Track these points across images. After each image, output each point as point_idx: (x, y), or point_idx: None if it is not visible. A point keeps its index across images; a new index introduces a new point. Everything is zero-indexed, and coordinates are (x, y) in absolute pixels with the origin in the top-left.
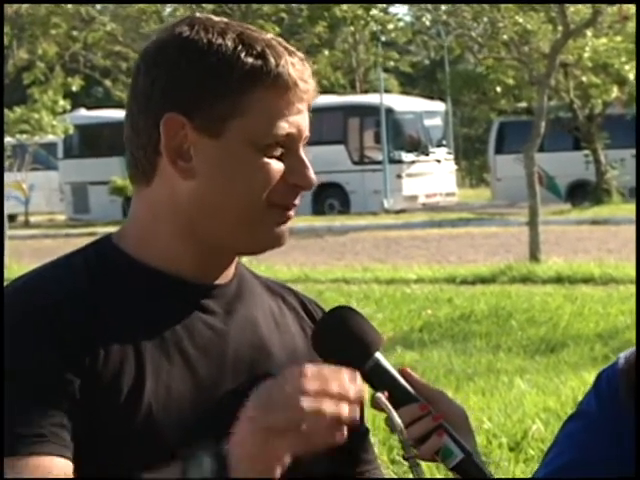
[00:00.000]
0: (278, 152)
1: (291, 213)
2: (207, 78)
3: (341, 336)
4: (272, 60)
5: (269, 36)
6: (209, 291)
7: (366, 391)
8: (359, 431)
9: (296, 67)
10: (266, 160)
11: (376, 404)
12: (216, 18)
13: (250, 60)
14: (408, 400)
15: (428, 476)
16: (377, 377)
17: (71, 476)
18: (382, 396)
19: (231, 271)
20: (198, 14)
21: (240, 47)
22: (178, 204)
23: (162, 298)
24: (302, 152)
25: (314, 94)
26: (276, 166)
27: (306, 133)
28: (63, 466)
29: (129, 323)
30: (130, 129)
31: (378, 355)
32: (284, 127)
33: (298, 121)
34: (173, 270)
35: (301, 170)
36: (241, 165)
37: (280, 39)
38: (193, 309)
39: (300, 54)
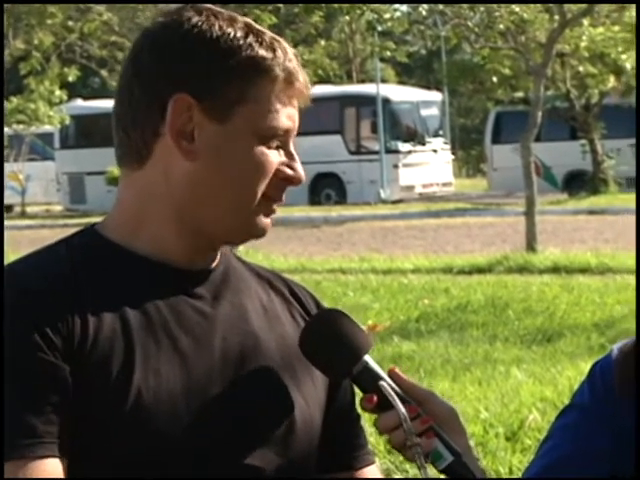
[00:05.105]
0: (274, 145)
1: (276, 207)
2: (219, 63)
3: (330, 339)
4: (280, 53)
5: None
6: (196, 276)
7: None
8: (350, 417)
9: (299, 65)
10: (267, 151)
11: (366, 404)
12: (216, 7)
13: (261, 50)
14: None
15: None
16: (366, 380)
17: (62, 475)
18: (385, 384)
19: (216, 256)
20: (199, 4)
21: (251, 36)
22: (172, 186)
23: (148, 284)
24: (292, 147)
25: (309, 93)
26: (275, 158)
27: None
28: (56, 467)
29: (115, 308)
30: (127, 106)
31: (367, 358)
32: (285, 121)
33: (295, 117)
34: (159, 256)
35: (292, 165)
36: (243, 152)
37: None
38: (180, 294)
39: (294, 51)
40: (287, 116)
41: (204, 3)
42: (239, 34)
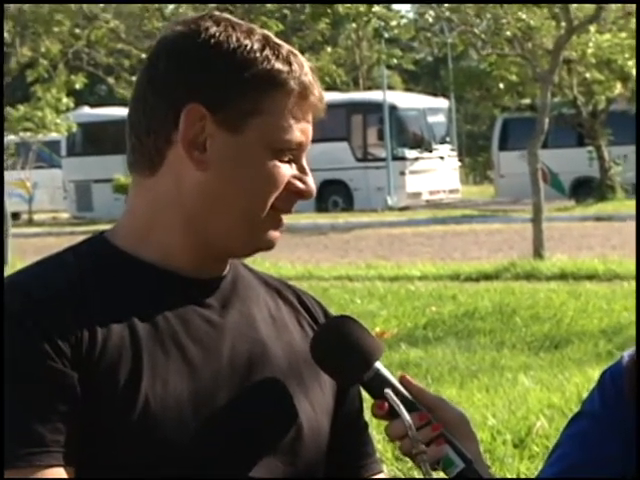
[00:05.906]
0: (286, 158)
1: (283, 218)
2: (235, 74)
3: (341, 346)
4: (297, 67)
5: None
6: (204, 285)
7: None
8: (358, 425)
9: (314, 79)
10: (279, 164)
11: (377, 410)
12: (234, 18)
13: (277, 63)
14: (408, 409)
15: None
16: (377, 386)
17: None
18: (390, 392)
19: (225, 265)
20: (216, 12)
21: (267, 49)
22: (183, 195)
23: (157, 292)
24: (304, 161)
25: (323, 107)
26: (287, 171)
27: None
28: (61, 475)
29: (124, 316)
30: (141, 113)
31: (378, 364)
32: (298, 135)
33: (308, 130)
34: (168, 265)
35: (304, 178)
36: (255, 164)
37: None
38: (189, 303)
39: (311, 65)
40: (300, 130)
41: (205, 4)
42: (256, 46)
